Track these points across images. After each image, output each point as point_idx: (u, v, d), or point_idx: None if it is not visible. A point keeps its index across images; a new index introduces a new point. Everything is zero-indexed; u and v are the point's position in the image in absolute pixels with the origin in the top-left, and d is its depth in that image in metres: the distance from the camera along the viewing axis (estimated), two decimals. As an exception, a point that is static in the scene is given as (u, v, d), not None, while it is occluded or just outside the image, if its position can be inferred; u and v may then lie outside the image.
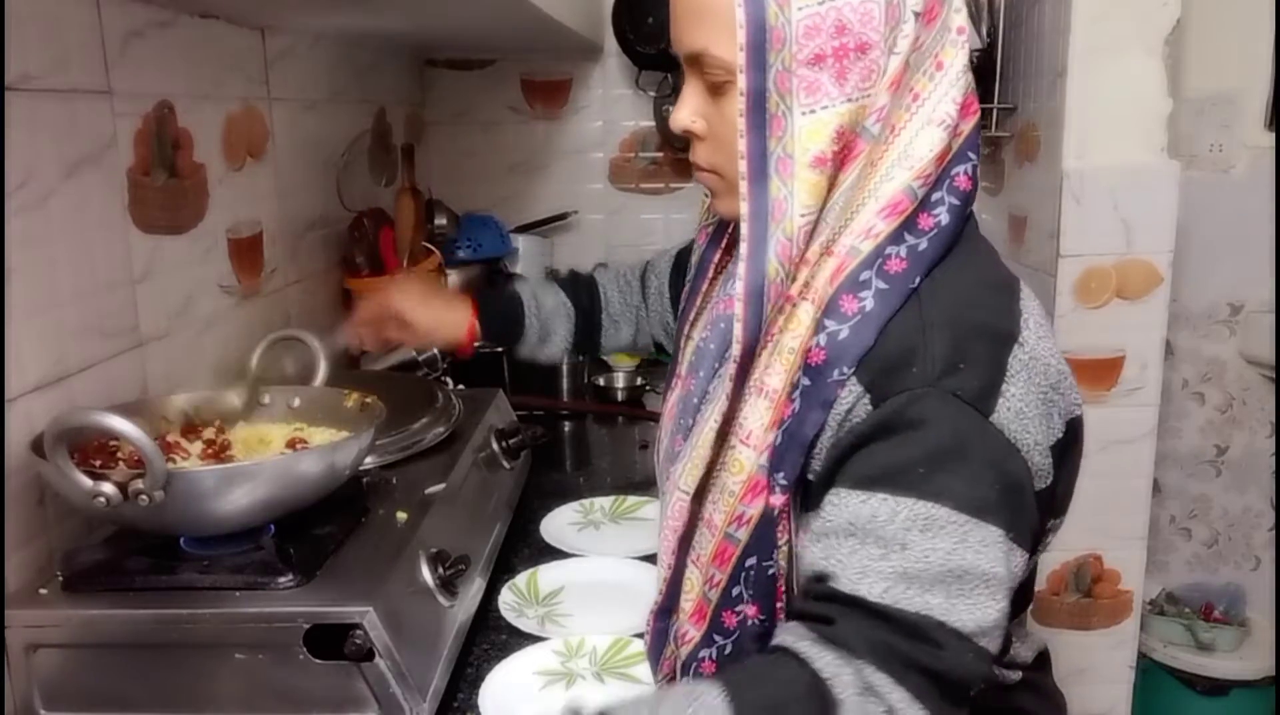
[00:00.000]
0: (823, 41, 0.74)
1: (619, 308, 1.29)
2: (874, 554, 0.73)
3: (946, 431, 0.73)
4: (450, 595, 1.05)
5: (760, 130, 0.76)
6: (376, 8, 1.45)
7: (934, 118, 0.77)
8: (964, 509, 0.72)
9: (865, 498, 0.74)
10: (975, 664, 0.73)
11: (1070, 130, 1.79)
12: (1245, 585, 2.42)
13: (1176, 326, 2.24)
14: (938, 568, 0.72)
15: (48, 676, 0.92)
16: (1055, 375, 0.80)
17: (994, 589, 0.73)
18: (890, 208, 0.77)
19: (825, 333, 0.77)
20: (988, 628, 0.73)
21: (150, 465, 0.85)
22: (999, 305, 0.80)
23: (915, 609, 0.72)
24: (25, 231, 0.99)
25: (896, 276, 0.77)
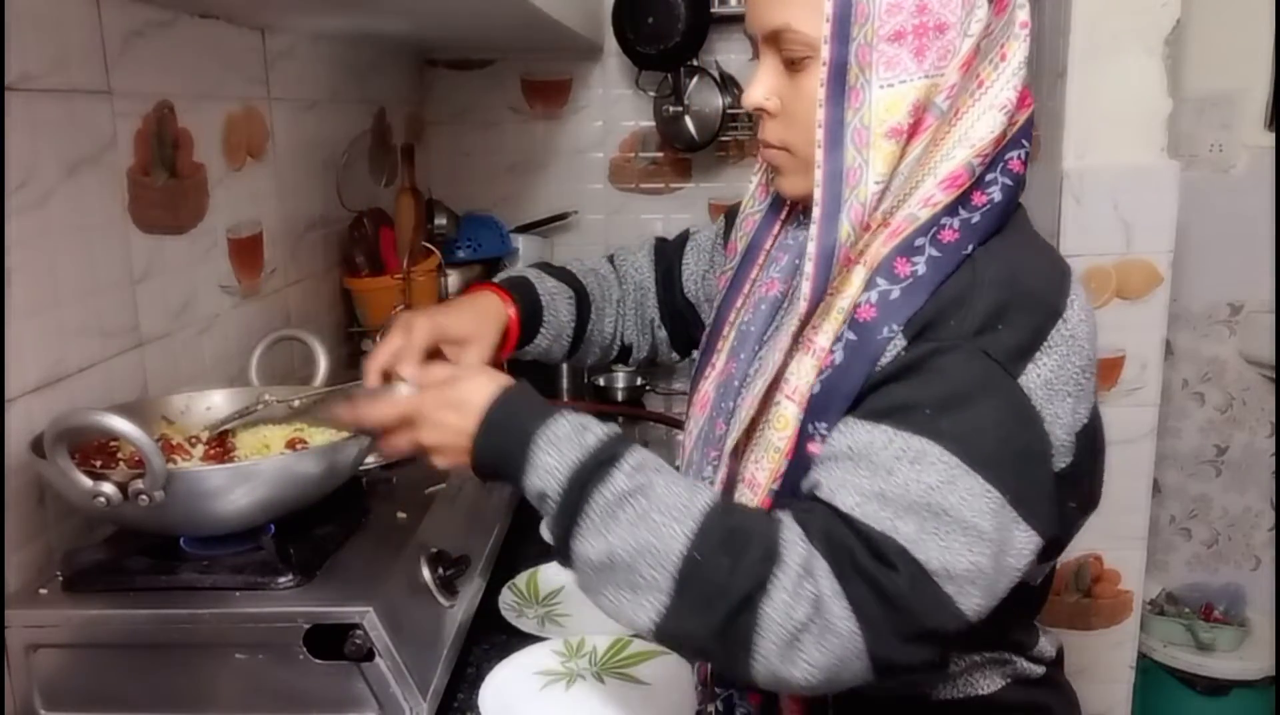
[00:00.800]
0: (904, 19, 0.78)
1: (600, 300, 1.18)
2: (860, 473, 0.75)
3: (964, 381, 0.75)
4: (450, 595, 1.05)
5: (839, 102, 0.79)
6: (376, 8, 1.45)
7: (995, 103, 0.81)
8: (958, 454, 0.73)
9: (870, 428, 0.76)
10: (933, 605, 0.73)
11: (1070, 130, 1.79)
12: (1245, 585, 2.42)
13: (1176, 326, 2.24)
14: (915, 497, 0.73)
15: (48, 676, 0.93)
16: (1091, 362, 0.81)
17: (972, 540, 0.73)
18: (950, 180, 0.80)
19: (876, 291, 0.80)
20: (954, 574, 0.72)
21: (150, 465, 0.85)
22: (1051, 280, 0.82)
23: (881, 528, 0.73)
24: (25, 231, 0.99)
25: (949, 245, 0.80)
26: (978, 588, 0.74)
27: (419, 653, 0.95)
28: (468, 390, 0.83)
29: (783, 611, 0.72)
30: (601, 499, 0.76)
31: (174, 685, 0.92)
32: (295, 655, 0.90)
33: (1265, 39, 2.14)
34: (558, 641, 1.12)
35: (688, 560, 0.74)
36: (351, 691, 0.91)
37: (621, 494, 0.76)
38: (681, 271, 1.18)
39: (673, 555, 0.74)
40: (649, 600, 0.75)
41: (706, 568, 0.74)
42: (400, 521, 1.08)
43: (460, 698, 1.04)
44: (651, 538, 0.74)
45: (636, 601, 0.75)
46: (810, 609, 0.72)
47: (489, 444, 0.81)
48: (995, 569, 0.74)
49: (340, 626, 0.89)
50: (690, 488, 0.78)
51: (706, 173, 2.42)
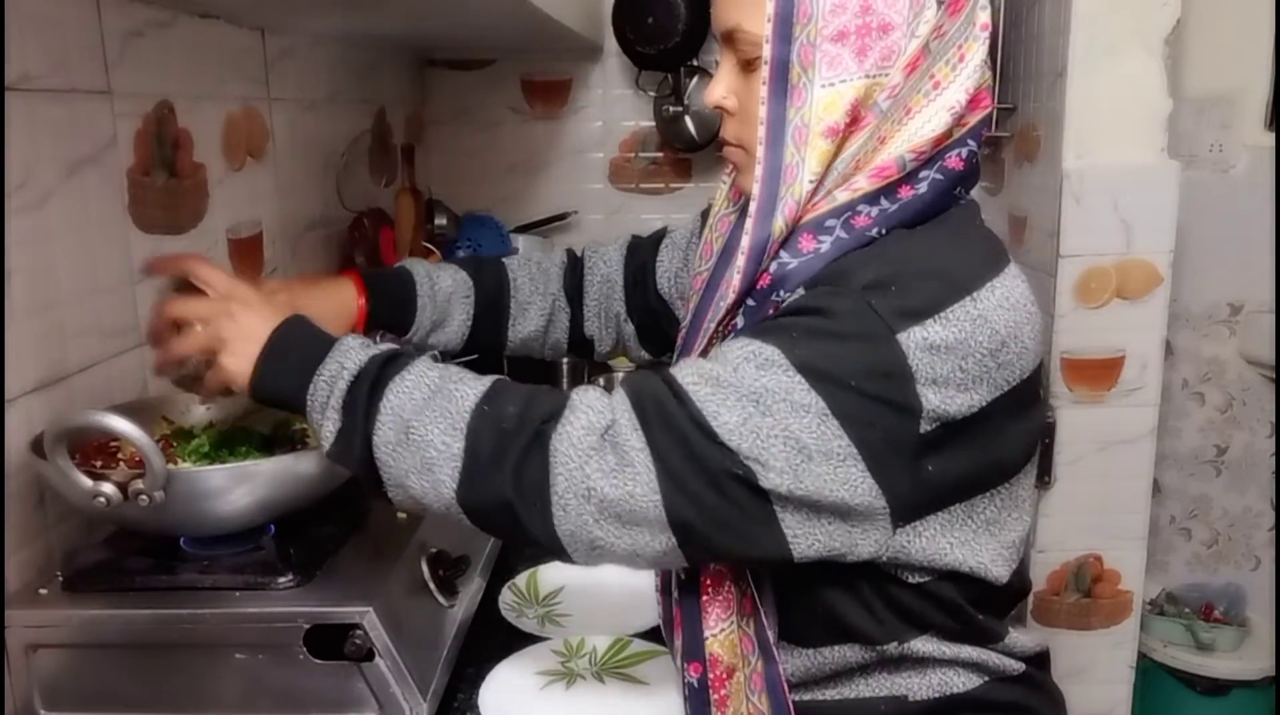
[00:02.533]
0: (847, 19, 0.78)
1: (528, 293, 1.17)
2: (707, 366, 0.78)
3: (838, 320, 0.76)
4: (450, 595, 1.05)
5: (781, 100, 0.80)
6: (376, 8, 1.45)
7: (946, 104, 0.81)
8: (808, 375, 0.74)
9: (734, 341, 0.78)
10: (732, 467, 0.74)
11: (1070, 130, 1.79)
12: (1245, 585, 2.42)
13: (1176, 326, 2.24)
14: (748, 390, 0.74)
15: (48, 676, 0.93)
16: (999, 343, 0.77)
17: (792, 449, 0.73)
18: (878, 171, 0.81)
19: (776, 262, 0.82)
20: (768, 469, 0.73)
21: (150, 465, 0.85)
22: (964, 262, 0.80)
23: (704, 399, 0.75)
24: (25, 231, 0.99)
25: (857, 229, 0.81)
26: (785, 478, 0.74)
27: (419, 653, 0.95)
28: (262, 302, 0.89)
29: (574, 440, 0.75)
30: (402, 381, 0.81)
31: (174, 685, 0.92)
32: (295, 655, 0.90)
33: (1265, 39, 2.14)
34: (558, 641, 1.12)
35: (475, 413, 0.78)
36: (351, 691, 0.91)
37: (420, 373, 0.81)
38: (655, 268, 1.17)
39: (464, 413, 0.78)
40: (446, 469, 0.77)
41: (494, 418, 0.77)
42: (400, 521, 1.08)
43: (460, 698, 1.04)
44: (445, 403, 0.78)
45: (436, 477, 0.78)
46: (601, 438, 0.76)
47: (287, 335, 0.86)
48: (810, 476, 0.74)
49: (340, 626, 0.89)
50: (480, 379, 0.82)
51: (706, 173, 2.42)
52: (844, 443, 0.74)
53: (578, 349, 1.22)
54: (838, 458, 0.74)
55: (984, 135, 0.86)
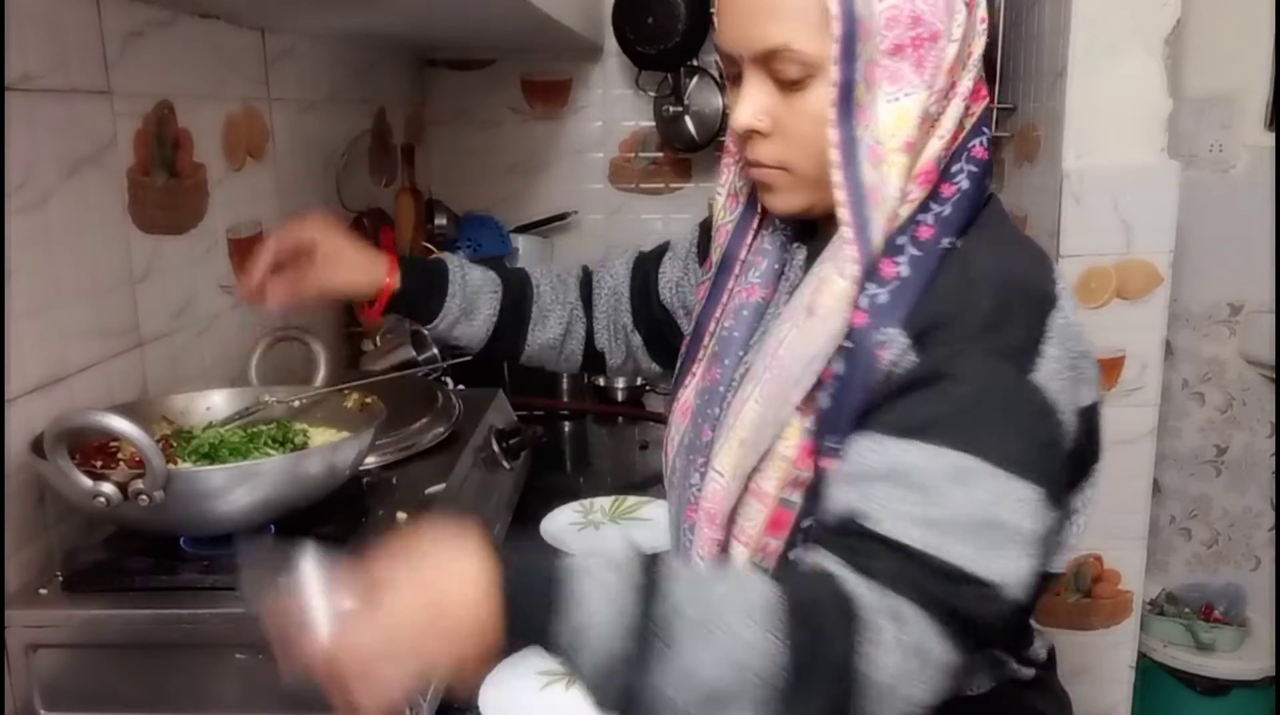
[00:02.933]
0: (901, 32, 0.78)
1: (549, 300, 1.17)
2: (910, 500, 0.74)
3: (986, 386, 0.75)
4: (450, 595, 1.05)
5: (848, 120, 0.79)
6: (376, 8, 1.45)
7: (960, 95, 0.82)
8: (1000, 463, 0.73)
9: (906, 446, 0.75)
10: (1000, 613, 0.74)
11: (1070, 130, 1.79)
12: (1245, 585, 2.42)
13: (1176, 326, 2.24)
14: (972, 519, 0.73)
15: (48, 677, 0.92)
16: (1086, 344, 0.82)
17: (1024, 544, 0.74)
18: (924, 175, 0.81)
19: (865, 295, 0.80)
20: (1015, 582, 0.74)
21: (150, 465, 0.85)
22: (1039, 269, 0.83)
23: (948, 558, 0.72)
24: (25, 231, 0.99)
25: (926, 242, 0.80)
26: (1030, 584, 0.75)
27: (419, 653, 0.95)
28: (446, 584, 0.67)
29: (887, 669, 0.69)
30: (663, 620, 0.67)
31: (174, 685, 0.92)
32: (295, 655, 0.90)
33: (1265, 39, 2.14)
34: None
35: (769, 655, 0.68)
36: (351, 691, 0.91)
37: (676, 608, 0.68)
38: (658, 279, 1.16)
39: (754, 658, 0.68)
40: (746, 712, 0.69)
41: (793, 654, 0.68)
42: (400, 521, 1.08)
43: (460, 698, 1.04)
44: (727, 645, 0.67)
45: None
46: (913, 658, 0.70)
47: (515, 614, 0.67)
48: (1043, 562, 0.76)
49: (340, 626, 0.89)
50: (730, 580, 0.74)
51: (706, 173, 2.42)
52: (1050, 510, 0.75)
53: (591, 363, 1.20)
54: (1053, 525, 0.77)
55: (990, 120, 0.88)
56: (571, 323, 1.17)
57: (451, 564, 0.68)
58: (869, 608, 0.70)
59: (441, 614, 0.66)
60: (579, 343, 1.18)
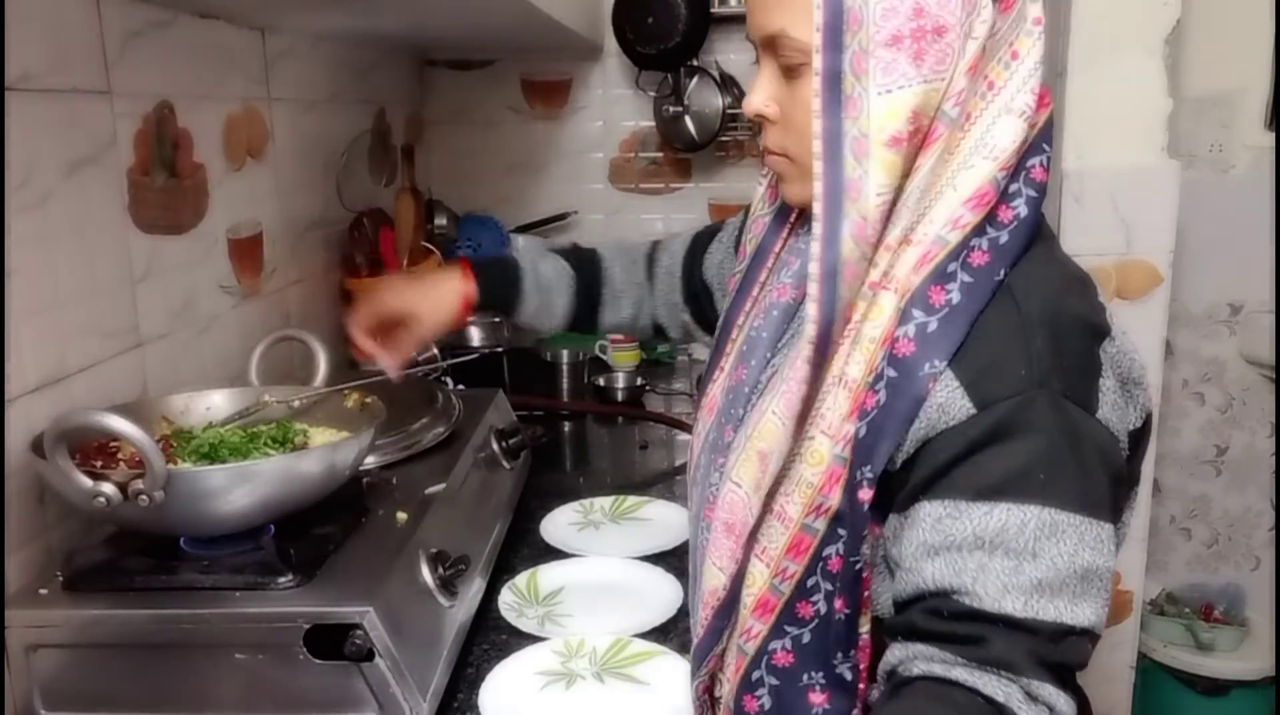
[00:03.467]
0: (900, 23, 0.74)
1: (622, 284, 1.25)
2: (1008, 567, 0.73)
3: (1060, 434, 0.73)
4: (450, 595, 1.05)
5: (835, 111, 0.76)
6: (376, 8, 1.45)
7: (1012, 107, 0.78)
8: (1083, 510, 0.73)
9: (988, 509, 0.73)
10: (1088, 654, 0.75)
11: (1070, 130, 1.79)
12: (1245, 585, 2.42)
13: (1176, 326, 2.24)
14: (1065, 572, 0.73)
15: (48, 677, 0.93)
16: (1137, 369, 0.82)
17: (1105, 581, 0.75)
18: (977, 198, 0.77)
19: (913, 323, 0.77)
20: (1100, 619, 0.75)
21: (150, 465, 0.85)
22: (1088, 300, 0.82)
23: (1052, 617, 0.72)
24: (25, 231, 0.99)
25: (981, 269, 0.77)
26: (1106, 611, 0.77)
27: (419, 653, 0.95)
28: None
29: None
30: None
31: (174, 685, 0.92)
32: (295, 655, 0.90)
33: (1265, 39, 2.14)
34: (558, 641, 1.12)
35: None
36: (351, 691, 0.91)
37: None
38: (705, 258, 1.21)
39: None
40: None
41: None
42: (400, 521, 1.08)
43: (460, 698, 1.04)
44: None
45: None
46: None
47: None
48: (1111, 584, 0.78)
49: (340, 626, 0.89)
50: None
51: (706, 173, 2.42)
52: (1108, 533, 0.76)
53: (658, 333, 1.30)
54: (1114, 550, 0.78)
55: (1051, 135, 0.83)
56: (641, 302, 1.26)
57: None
58: (1012, 703, 0.71)
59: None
60: (649, 318, 1.27)
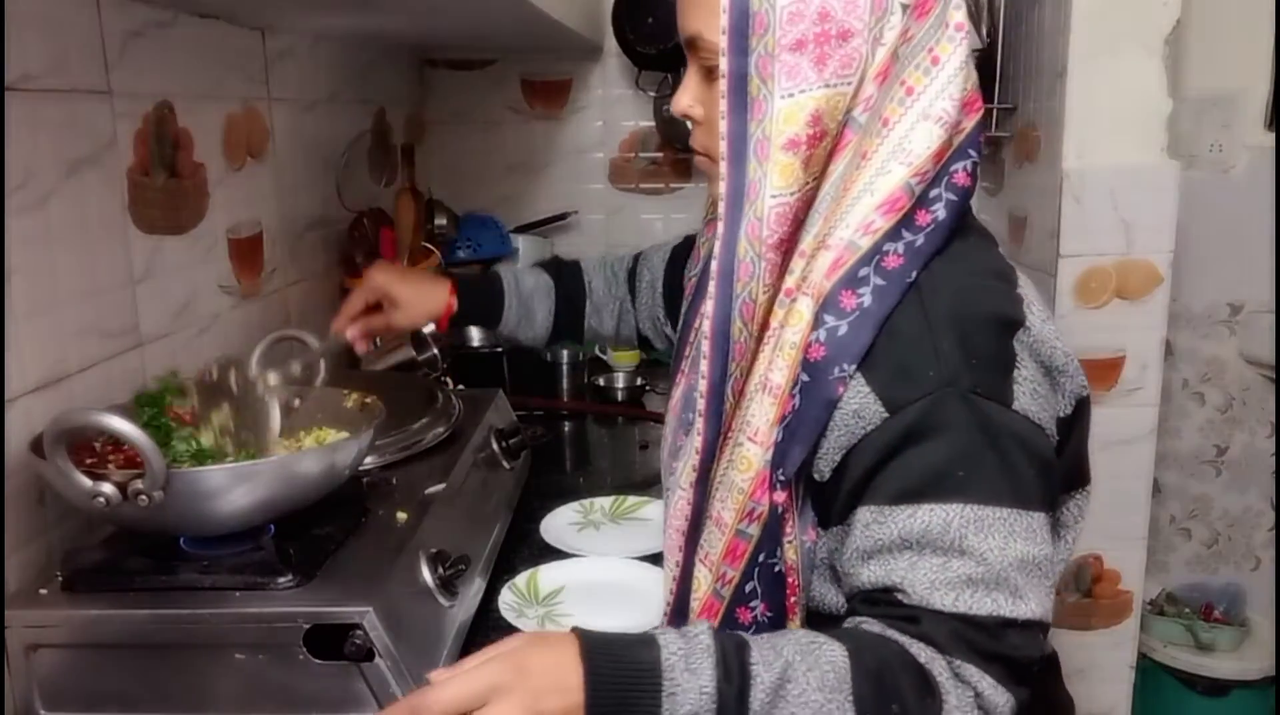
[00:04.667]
0: (805, 27, 0.75)
1: (602, 296, 1.29)
2: (935, 564, 0.74)
3: (975, 430, 0.74)
4: (450, 595, 1.05)
5: (741, 113, 0.77)
6: (376, 8, 1.45)
7: (930, 113, 0.77)
8: (1008, 502, 0.74)
9: (911, 511, 0.74)
10: (1040, 644, 0.76)
11: (1070, 130, 1.79)
12: (1245, 585, 2.42)
13: (1176, 326, 2.24)
14: (999, 565, 0.73)
15: (48, 677, 0.92)
16: (1060, 357, 0.81)
17: (1045, 570, 0.75)
18: (889, 204, 0.77)
19: (825, 328, 0.77)
20: (1045, 609, 0.75)
21: (150, 465, 0.85)
22: (1000, 293, 0.81)
23: (988, 610, 0.73)
24: (25, 232, 0.99)
25: (894, 272, 0.77)
26: (1051, 603, 0.77)
27: (419, 653, 0.95)
28: (538, 658, 0.73)
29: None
30: (759, 701, 0.71)
31: (174, 685, 0.92)
32: (295, 655, 0.90)
33: (1265, 39, 2.14)
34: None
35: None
36: (351, 692, 0.91)
37: (773, 687, 0.72)
38: (685, 272, 1.18)
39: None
40: None
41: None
42: (400, 521, 1.08)
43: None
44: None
45: None
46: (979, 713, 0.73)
47: (604, 695, 0.72)
48: (1055, 578, 0.80)
49: (340, 626, 0.89)
50: (806, 650, 0.74)
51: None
52: (1051, 523, 0.78)
53: (643, 344, 1.35)
54: (1050, 537, 0.79)
55: (982, 140, 0.83)
56: (623, 315, 1.30)
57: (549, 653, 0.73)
58: (934, 670, 0.72)
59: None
60: (632, 330, 1.31)
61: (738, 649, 0.73)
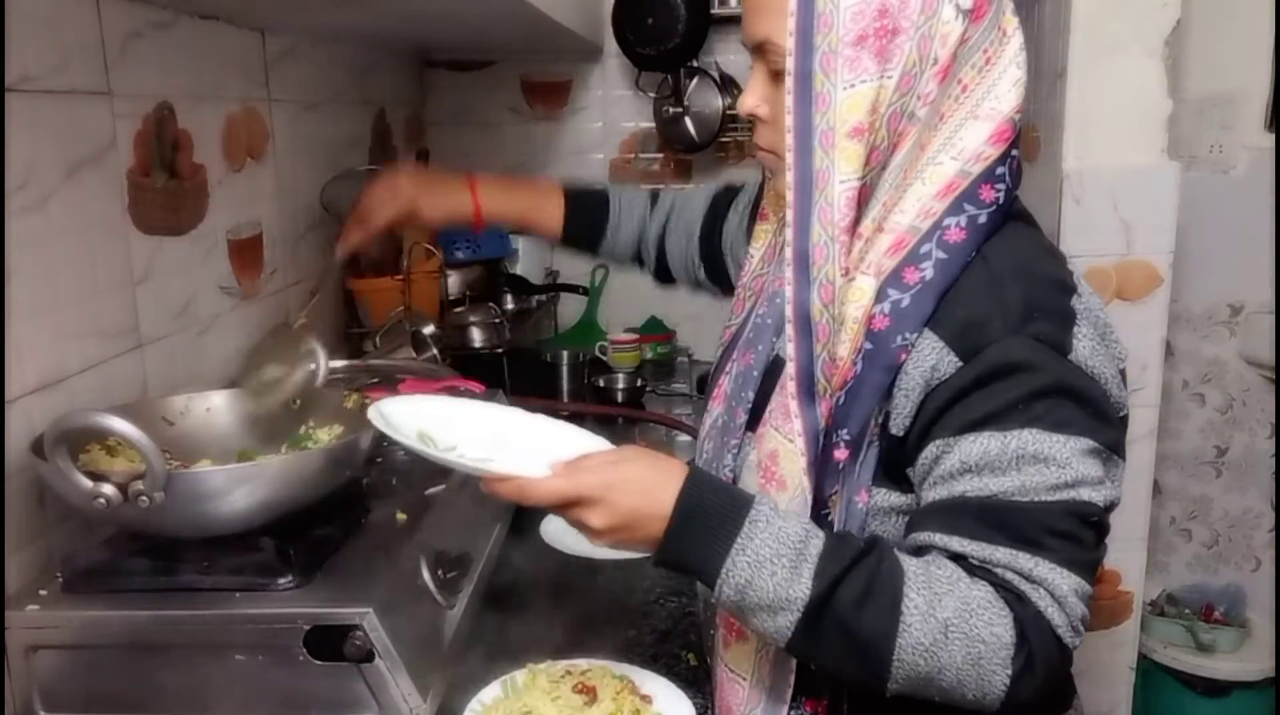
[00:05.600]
0: (866, 23, 0.80)
1: (626, 214, 1.32)
2: (993, 482, 0.81)
3: (1035, 371, 0.80)
4: (450, 595, 1.05)
5: (806, 107, 0.82)
6: (377, 8, 1.45)
7: (979, 110, 0.84)
8: (1051, 428, 0.80)
9: (974, 438, 0.81)
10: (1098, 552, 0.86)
11: (1070, 131, 1.79)
12: (1245, 586, 2.42)
13: (1176, 327, 2.24)
14: (1045, 486, 0.80)
15: (48, 678, 0.92)
16: (1105, 327, 0.88)
17: (1094, 489, 0.83)
18: (944, 189, 0.84)
19: (889, 301, 0.83)
20: (1093, 525, 0.85)
21: (150, 467, 0.85)
22: (1053, 262, 0.88)
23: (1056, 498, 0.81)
24: (25, 232, 0.99)
25: (956, 246, 0.83)
26: (1099, 524, 0.87)
27: (419, 653, 0.95)
28: (651, 481, 0.83)
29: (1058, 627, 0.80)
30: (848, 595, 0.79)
31: (174, 687, 0.92)
32: (295, 656, 0.90)
33: (1265, 39, 2.14)
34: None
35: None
36: (351, 692, 0.91)
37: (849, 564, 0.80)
38: (724, 225, 1.25)
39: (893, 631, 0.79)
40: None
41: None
42: (400, 522, 1.08)
43: (460, 698, 1.04)
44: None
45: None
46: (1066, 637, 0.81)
47: (684, 540, 0.81)
48: (1107, 499, 0.86)
49: (340, 627, 0.89)
50: (857, 552, 0.81)
51: (706, 174, 2.42)
52: (1108, 458, 0.86)
53: (661, 275, 1.34)
54: (1116, 472, 0.89)
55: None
56: (643, 239, 1.31)
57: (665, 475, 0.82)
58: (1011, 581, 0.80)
59: (642, 507, 0.82)
60: (647, 256, 1.33)
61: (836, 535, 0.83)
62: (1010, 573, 0.80)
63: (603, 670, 1.01)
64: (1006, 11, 0.86)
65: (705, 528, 0.80)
